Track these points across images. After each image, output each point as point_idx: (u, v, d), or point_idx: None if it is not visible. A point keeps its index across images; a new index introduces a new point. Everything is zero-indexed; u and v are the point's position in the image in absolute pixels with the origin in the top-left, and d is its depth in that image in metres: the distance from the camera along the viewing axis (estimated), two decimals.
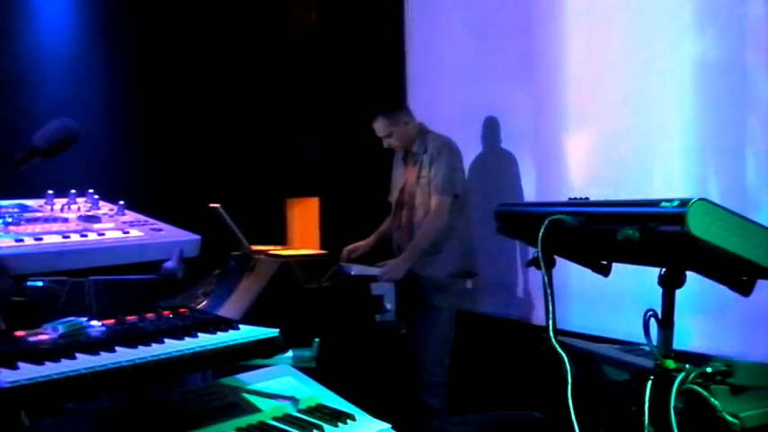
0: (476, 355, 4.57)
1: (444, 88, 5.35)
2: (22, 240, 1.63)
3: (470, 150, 4.73)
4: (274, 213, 5.99)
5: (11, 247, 1.59)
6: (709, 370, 1.73)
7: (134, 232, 1.84)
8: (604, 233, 1.84)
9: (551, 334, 2.03)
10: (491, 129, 4.78)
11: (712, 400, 1.68)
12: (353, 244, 4.42)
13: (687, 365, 1.76)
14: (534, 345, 2.21)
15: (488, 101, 4.89)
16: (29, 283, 1.68)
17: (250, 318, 2.74)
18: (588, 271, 2.22)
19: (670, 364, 1.80)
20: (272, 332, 1.76)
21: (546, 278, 2.04)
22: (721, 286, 1.85)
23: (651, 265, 1.95)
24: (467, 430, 3.20)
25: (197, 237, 1.92)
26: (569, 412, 1.85)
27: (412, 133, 4.26)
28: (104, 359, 1.44)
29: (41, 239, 1.66)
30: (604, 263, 2.18)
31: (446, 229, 4.11)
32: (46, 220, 1.82)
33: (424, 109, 4.88)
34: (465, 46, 5.16)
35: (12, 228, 1.71)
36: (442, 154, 4.14)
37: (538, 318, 4.36)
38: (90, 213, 1.93)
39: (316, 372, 2.11)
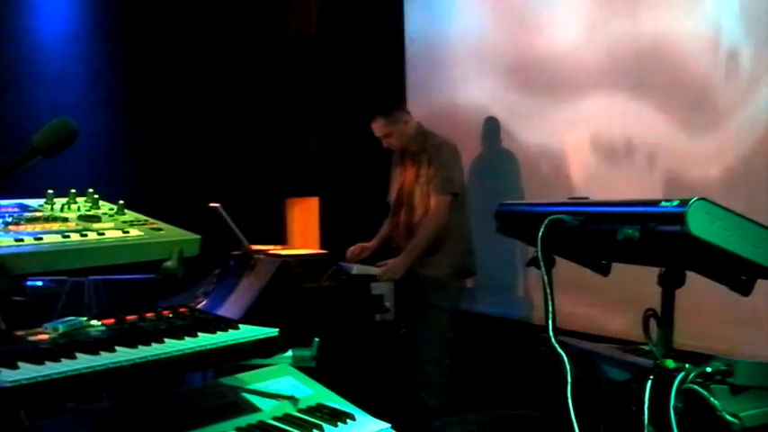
0: (475, 355, 4.57)
1: (444, 87, 5.35)
2: (22, 240, 1.63)
3: (469, 150, 4.73)
4: (274, 213, 5.98)
5: (11, 246, 1.59)
6: (708, 369, 1.73)
7: (134, 232, 1.84)
8: (604, 233, 1.83)
9: (551, 334, 2.03)
10: (491, 128, 4.79)
11: (712, 399, 1.68)
12: (359, 245, 4.40)
13: (687, 365, 1.76)
14: (534, 344, 2.21)
15: (488, 100, 4.89)
16: (29, 283, 1.68)
17: (250, 317, 2.73)
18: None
19: (670, 363, 1.80)
20: (272, 332, 1.76)
21: (545, 278, 2.04)
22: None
23: (651, 264, 1.95)
24: (466, 429, 3.20)
25: (197, 236, 1.92)
26: (569, 412, 1.84)
27: (410, 133, 4.24)
28: (104, 359, 1.44)
29: (41, 239, 1.66)
30: (604, 263, 2.18)
31: (445, 228, 4.10)
32: (46, 219, 1.82)
33: (423, 108, 4.89)
34: (465, 45, 5.16)
35: (12, 227, 1.71)
36: (440, 153, 4.13)
37: (538, 317, 4.36)
38: (90, 213, 1.93)
39: (315, 371, 2.10)
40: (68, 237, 1.72)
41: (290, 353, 2.28)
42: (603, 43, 4.02)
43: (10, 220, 1.76)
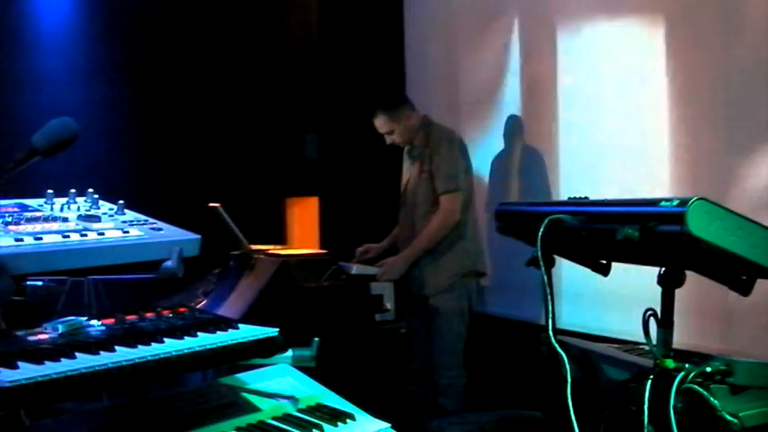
0: (479, 355, 4.56)
1: (444, 86, 5.35)
2: (22, 240, 1.63)
3: (470, 148, 4.71)
4: (274, 213, 5.98)
5: (11, 246, 1.59)
6: (708, 369, 1.73)
7: (134, 232, 1.84)
8: (604, 233, 1.84)
9: (551, 334, 2.03)
10: (513, 127, 4.64)
11: (712, 399, 1.68)
12: (366, 245, 4.34)
13: (687, 365, 1.76)
14: (535, 344, 2.21)
15: (488, 98, 4.89)
16: (29, 283, 1.68)
17: (250, 317, 2.73)
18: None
19: (669, 363, 1.80)
20: (272, 331, 1.76)
21: (545, 278, 2.04)
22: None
23: (651, 264, 1.95)
24: (466, 429, 3.20)
25: (197, 236, 1.92)
26: (569, 412, 1.85)
27: (414, 127, 4.12)
28: (104, 359, 1.45)
29: (41, 239, 1.66)
30: (604, 262, 2.18)
31: (454, 227, 4.00)
32: (46, 219, 1.82)
33: (423, 107, 4.88)
34: (465, 43, 5.16)
35: (12, 227, 1.71)
36: (441, 147, 4.00)
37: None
38: (90, 213, 1.93)
39: (315, 371, 2.11)
40: (68, 237, 1.72)
41: (290, 353, 2.28)
42: (608, 40, 4.01)
43: (10, 220, 1.76)
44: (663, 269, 1.90)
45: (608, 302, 3.73)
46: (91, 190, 2.05)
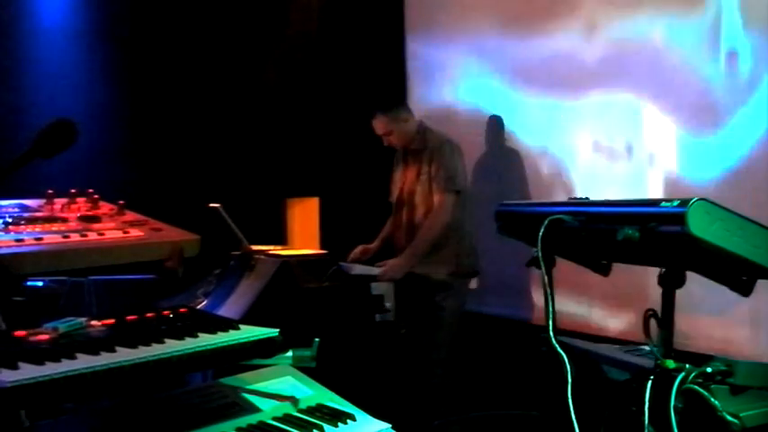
0: (476, 355, 4.57)
1: (445, 87, 5.35)
2: (22, 240, 1.63)
3: (471, 150, 4.73)
4: (274, 213, 5.98)
5: (11, 246, 1.59)
6: (709, 370, 1.73)
7: (134, 232, 1.84)
8: (604, 233, 1.83)
9: (551, 334, 2.03)
10: (494, 128, 4.75)
11: (712, 399, 1.68)
12: (361, 246, 4.37)
13: (687, 365, 1.76)
14: (534, 345, 2.21)
15: (489, 99, 4.89)
16: (29, 283, 1.68)
17: (250, 318, 2.73)
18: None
19: (670, 363, 1.80)
20: (272, 332, 1.76)
21: (546, 278, 2.04)
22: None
23: (651, 264, 1.95)
24: (466, 429, 3.20)
25: (197, 236, 1.92)
26: (569, 412, 1.85)
27: (412, 131, 4.21)
28: (104, 359, 1.44)
29: (41, 239, 1.66)
30: (604, 263, 2.18)
31: (448, 227, 4.07)
32: (46, 220, 1.82)
33: (423, 108, 4.89)
34: (465, 44, 5.17)
35: (12, 228, 1.71)
36: (441, 151, 4.08)
37: (538, 318, 4.36)
38: (90, 213, 1.93)
39: (315, 371, 2.11)
40: (68, 237, 1.72)
41: (290, 353, 2.28)
42: (604, 43, 4.02)
43: (10, 220, 1.76)
44: (663, 270, 1.90)
45: None
46: (91, 190, 2.05)
